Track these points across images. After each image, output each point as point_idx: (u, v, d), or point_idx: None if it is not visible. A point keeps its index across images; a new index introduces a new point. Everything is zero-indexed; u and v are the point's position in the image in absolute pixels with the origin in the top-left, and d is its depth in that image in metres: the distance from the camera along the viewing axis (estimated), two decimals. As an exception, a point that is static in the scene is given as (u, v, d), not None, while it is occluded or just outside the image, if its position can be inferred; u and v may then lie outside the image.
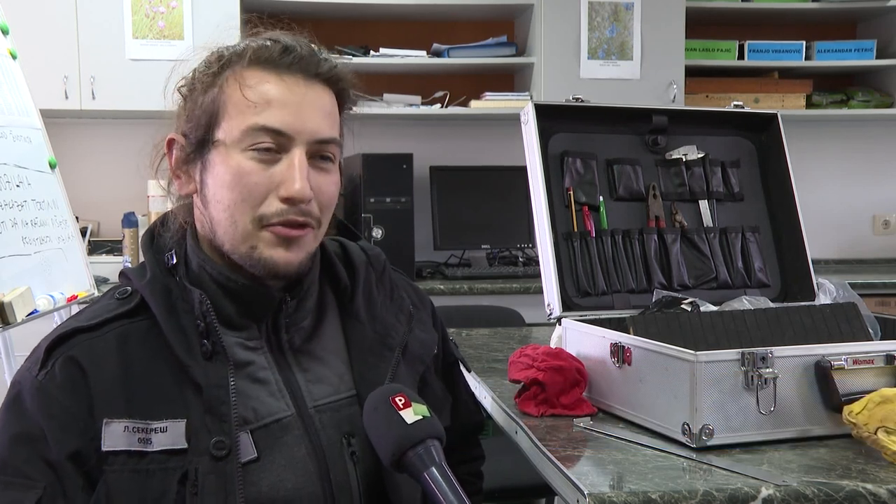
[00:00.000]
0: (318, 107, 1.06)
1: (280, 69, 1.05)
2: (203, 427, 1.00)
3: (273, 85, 1.04)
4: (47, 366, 1.01)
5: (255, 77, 1.04)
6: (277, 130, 1.02)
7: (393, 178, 3.49)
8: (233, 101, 1.04)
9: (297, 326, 1.10)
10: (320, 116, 1.06)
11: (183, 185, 1.10)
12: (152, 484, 0.98)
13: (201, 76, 1.07)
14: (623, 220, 1.80)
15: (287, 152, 1.03)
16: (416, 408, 0.99)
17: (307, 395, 1.09)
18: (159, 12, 3.43)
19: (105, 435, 0.98)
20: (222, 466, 0.99)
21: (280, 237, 1.04)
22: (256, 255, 1.04)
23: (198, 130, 1.06)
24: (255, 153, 1.03)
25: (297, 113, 1.03)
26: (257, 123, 1.02)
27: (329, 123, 1.07)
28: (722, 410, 1.24)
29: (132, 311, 1.05)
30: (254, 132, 1.02)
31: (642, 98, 3.63)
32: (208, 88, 1.06)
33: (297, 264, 1.06)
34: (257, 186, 1.02)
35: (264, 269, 1.05)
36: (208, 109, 1.05)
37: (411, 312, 1.20)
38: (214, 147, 1.05)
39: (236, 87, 1.04)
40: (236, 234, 1.04)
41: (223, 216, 1.04)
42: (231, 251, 1.05)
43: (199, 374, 1.01)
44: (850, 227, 4.26)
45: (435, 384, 1.23)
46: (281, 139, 1.03)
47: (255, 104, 1.03)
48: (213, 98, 1.05)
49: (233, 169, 1.03)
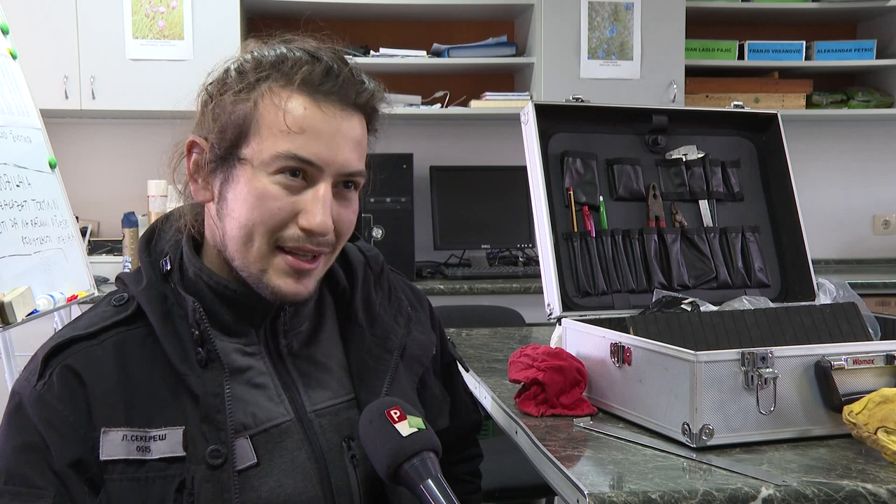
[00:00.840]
0: (350, 138, 1.03)
1: (318, 96, 1.01)
2: (199, 435, 0.99)
3: (310, 112, 1.00)
4: (45, 376, 1.00)
5: (293, 101, 1.00)
6: (309, 161, 1.00)
7: (393, 178, 3.49)
8: (267, 121, 1.00)
9: (295, 331, 1.10)
10: (351, 148, 1.03)
11: (199, 191, 1.07)
12: (151, 492, 0.98)
13: (234, 84, 1.03)
14: (623, 220, 1.80)
15: (313, 182, 1.01)
16: (412, 420, 0.99)
17: (306, 399, 1.09)
18: (159, 12, 3.42)
19: (103, 444, 0.98)
20: (218, 475, 0.98)
21: (292, 267, 1.03)
22: (265, 281, 1.03)
23: (224, 142, 1.02)
24: (282, 179, 1.00)
25: (330, 145, 1.01)
26: (289, 151, 1.00)
27: (359, 155, 1.05)
28: (722, 410, 1.24)
29: (129, 319, 1.04)
30: (285, 159, 1.00)
31: (642, 98, 3.63)
32: (241, 101, 1.02)
33: (306, 295, 1.05)
34: (280, 212, 1.01)
35: (271, 296, 1.04)
36: (239, 123, 1.01)
37: (409, 314, 1.20)
38: (240, 163, 1.02)
39: (272, 108, 1.00)
40: (249, 253, 1.02)
41: (238, 233, 1.02)
42: (240, 268, 1.04)
43: (195, 383, 1.01)
44: (851, 227, 4.26)
45: (433, 385, 1.23)
46: (310, 169, 1.01)
47: (290, 131, 1.00)
48: (246, 113, 1.01)
49: (257, 191, 1.00)
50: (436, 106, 3.75)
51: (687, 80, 3.75)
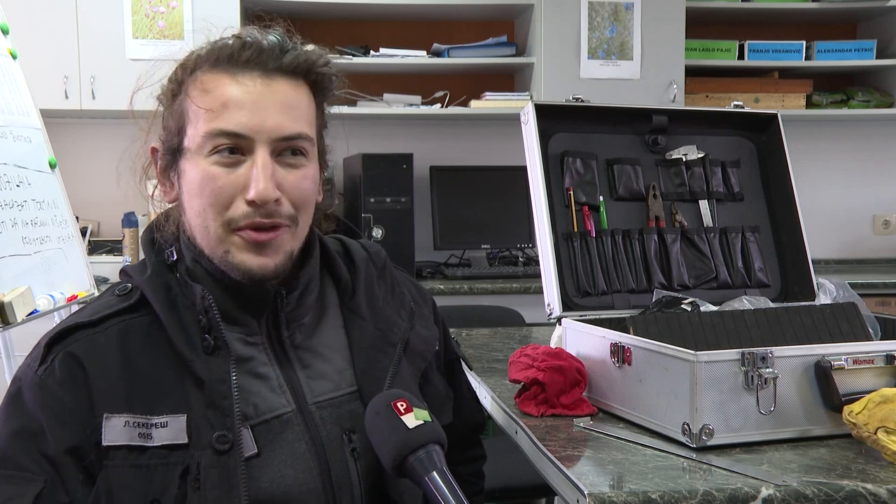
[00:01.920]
0: (278, 102, 1.04)
1: (235, 69, 1.04)
2: (205, 421, 1.00)
3: (229, 86, 1.03)
4: (47, 361, 1.01)
5: (212, 80, 1.04)
6: (235, 133, 1.02)
7: (393, 178, 3.49)
8: (192, 107, 1.04)
9: (297, 322, 1.10)
10: (282, 112, 1.03)
11: (167, 193, 1.11)
12: (153, 478, 0.98)
13: (169, 83, 1.08)
14: (623, 220, 1.80)
15: (250, 153, 1.03)
16: (418, 413, 0.99)
17: (308, 391, 1.09)
18: (159, 12, 3.42)
19: (105, 430, 0.98)
20: (225, 460, 0.99)
21: (249, 242, 1.04)
22: (230, 260, 1.04)
23: (171, 139, 1.07)
24: (218, 157, 1.02)
25: (255, 113, 1.02)
26: (215, 128, 1.02)
27: (293, 118, 1.04)
28: (722, 410, 1.24)
29: (133, 307, 1.05)
30: (213, 137, 1.02)
31: (642, 98, 3.63)
32: (175, 95, 1.07)
33: (274, 267, 1.05)
34: (223, 190, 1.02)
35: (239, 274, 1.05)
36: (176, 117, 1.06)
37: (412, 308, 1.21)
38: (183, 155, 1.05)
39: (196, 94, 1.04)
40: (210, 239, 1.04)
41: (196, 222, 1.05)
42: (210, 255, 1.06)
43: (202, 369, 1.01)
44: (851, 227, 4.26)
45: (437, 381, 1.23)
46: (241, 141, 1.02)
47: (212, 109, 1.02)
48: (179, 105, 1.06)
49: (199, 175, 1.03)
50: (436, 106, 3.75)
51: (687, 80, 3.75)
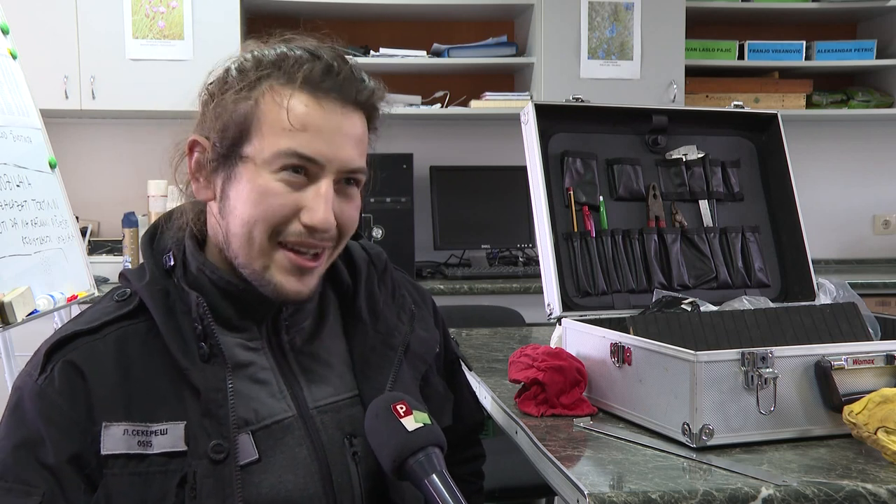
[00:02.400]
0: (351, 135, 1.04)
1: (319, 93, 1.02)
2: (201, 430, 1.00)
3: (311, 110, 1.01)
4: (46, 370, 1.01)
5: (294, 98, 1.01)
6: (310, 158, 1.01)
7: (393, 178, 3.49)
8: (268, 119, 1.01)
9: (297, 327, 1.10)
10: (352, 145, 1.04)
11: (201, 190, 1.07)
12: (152, 486, 0.98)
13: (235, 83, 1.04)
14: (623, 220, 1.80)
15: (315, 179, 1.02)
16: (417, 415, 0.99)
17: (308, 395, 1.09)
18: (159, 12, 3.42)
19: (104, 438, 0.98)
20: (220, 469, 0.99)
21: (294, 265, 1.03)
22: (268, 277, 1.03)
23: (225, 140, 1.03)
24: (285, 175, 1.01)
25: (331, 142, 1.02)
26: (291, 149, 1.00)
27: (360, 152, 1.05)
28: (722, 410, 1.24)
29: (131, 313, 1.05)
30: (286, 156, 1.00)
31: (642, 98, 3.63)
32: (242, 99, 1.02)
33: (307, 293, 1.06)
34: (282, 208, 1.01)
35: (273, 293, 1.04)
36: (240, 122, 1.02)
37: (413, 311, 1.20)
38: (242, 162, 1.02)
39: (273, 107, 1.01)
40: (252, 250, 1.03)
41: (240, 231, 1.03)
42: (243, 265, 1.04)
43: (197, 378, 1.01)
44: (851, 227, 4.26)
45: (437, 383, 1.23)
46: (312, 166, 1.01)
47: (292, 128, 1.00)
48: (247, 111, 1.02)
49: (259, 188, 1.01)
50: (436, 106, 3.75)
51: (687, 80, 3.75)
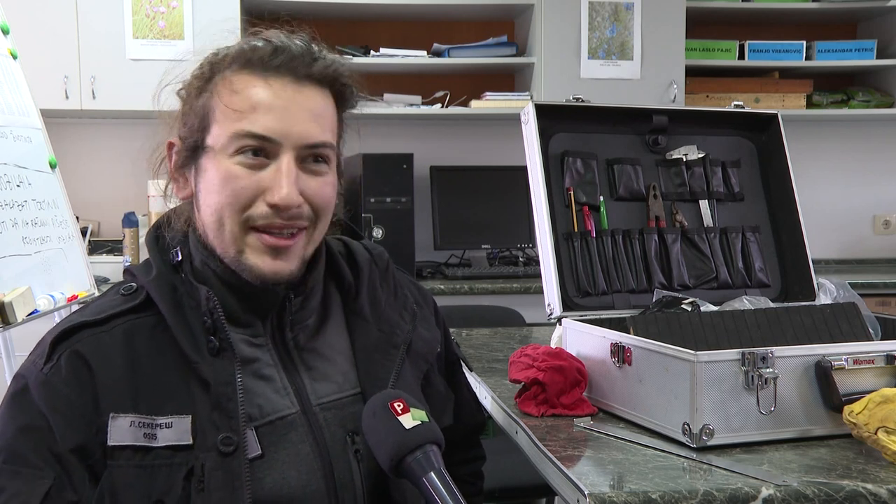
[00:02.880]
0: (307, 109, 1.04)
1: (267, 72, 1.04)
2: (210, 423, 1.00)
3: (260, 89, 1.03)
4: (53, 359, 1.01)
5: (243, 81, 1.04)
6: (262, 136, 1.02)
7: (393, 178, 3.49)
8: (220, 106, 1.04)
9: (301, 324, 1.11)
10: (309, 120, 1.04)
11: (180, 189, 1.10)
12: (158, 479, 0.98)
13: (194, 80, 1.07)
14: (623, 219, 1.80)
15: (275, 157, 1.03)
16: (415, 413, 0.99)
17: (311, 392, 1.09)
18: (159, 12, 3.42)
19: (111, 429, 0.98)
20: (229, 462, 0.99)
21: (267, 245, 1.04)
22: (244, 261, 1.04)
23: (192, 135, 1.06)
24: (243, 158, 1.02)
25: (284, 117, 1.02)
26: (243, 129, 1.02)
27: (320, 126, 1.05)
28: (722, 410, 1.24)
29: (138, 307, 1.05)
30: (240, 138, 1.02)
31: (642, 98, 3.63)
32: (200, 92, 1.06)
33: (288, 273, 1.06)
34: (244, 191, 1.02)
35: (251, 276, 1.05)
36: (200, 114, 1.05)
37: (415, 310, 1.21)
38: (205, 153, 1.05)
39: (225, 93, 1.04)
40: (224, 237, 1.04)
41: (211, 220, 1.05)
42: (222, 255, 1.06)
43: (207, 371, 1.01)
44: (851, 227, 4.26)
45: (438, 382, 1.23)
46: (267, 145, 1.02)
47: (241, 110, 1.02)
48: (204, 103, 1.05)
49: (221, 174, 1.03)
50: (436, 106, 3.75)
51: (687, 80, 3.75)
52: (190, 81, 1.08)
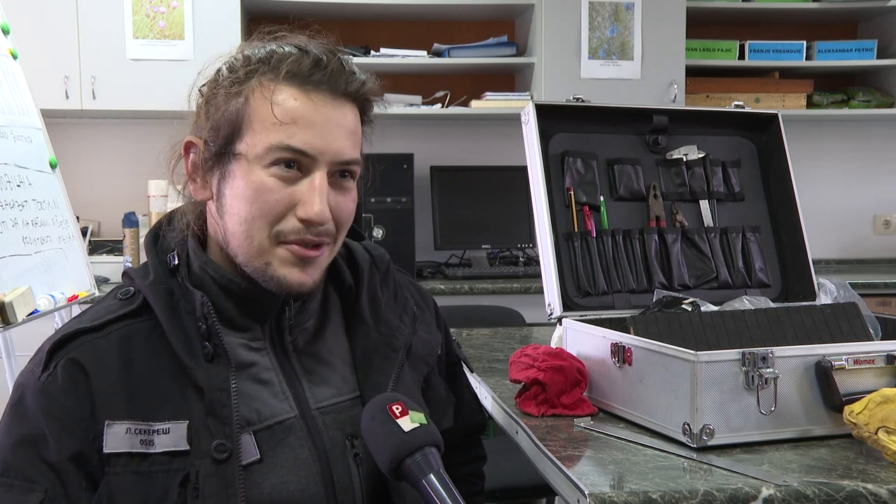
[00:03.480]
0: (342, 127, 1.04)
1: (308, 86, 1.02)
2: (204, 429, 1.00)
3: (300, 103, 1.02)
4: (49, 368, 1.01)
5: (283, 93, 1.02)
6: (301, 151, 1.01)
7: (393, 178, 3.49)
8: (258, 115, 1.02)
9: (300, 328, 1.10)
10: (344, 137, 1.04)
11: (198, 191, 1.08)
12: (154, 485, 0.98)
13: (226, 81, 1.04)
14: (624, 219, 1.80)
15: (308, 172, 1.02)
16: (414, 415, 0.98)
17: (310, 396, 1.09)
18: (160, 12, 3.42)
19: (107, 437, 0.98)
20: (223, 469, 0.99)
21: (296, 256, 1.03)
22: (270, 273, 1.03)
23: (218, 139, 1.03)
24: (277, 171, 1.01)
25: (323, 134, 1.02)
26: (282, 143, 1.01)
27: (352, 144, 1.05)
28: (722, 410, 1.24)
29: (135, 312, 1.05)
30: (278, 150, 1.01)
31: (643, 98, 3.63)
32: (233, 97, 1.03)
33: (311, 284, 1.05)
34: (277, 204, 1.02)
35: (277, 287, 1.04)
36: (231, 119, 1.03)
37: (415, 313, 1.20)
38: (235, 159, 1.03)
39: (263, 102, 1.02)
40: (251, 248, 1.03)
41: (239, 229, 1.03)
42: (244, 263, 1.04)
43: (201, 377, 1.01)
44: (851, 227, 4.26)
45: (438, 385, 1.23)
46: (304, 159, 1.02)
47: (281, 122, 1.01)
48: (238, 108, 1.02)
49: (253, 184, 1.01)
50: (436, 106, 3.75)
51: (687, 80, 3.74)
52: (220, 81, 1.05)
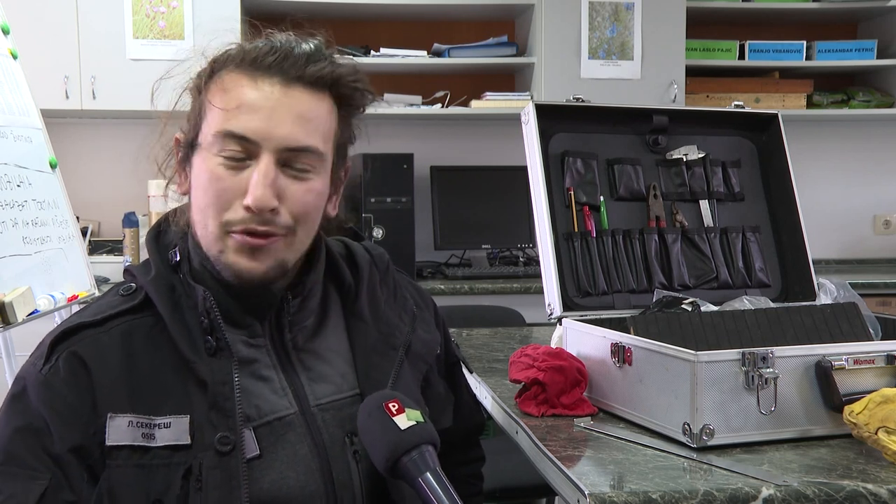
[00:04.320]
0: (293, 112, 1.03)
1: (257, 72, 1.03)
2: (208, 423, 1.00)
3: (247, 88, 1.03)
4: (51, 360, 1.01)
5: (232, 81, 1.04)
6: (243, 136, 1.01)
7: (393, 178, 3.49)
8: (211, 104, 1.04)
9: (300, 325, 1.11)
10: (294, 122, 1.02)
11: (181, 185, 1.11)
12: (156, 479, 0.98)
13: (196, 78, 1.08)
14: (624, 219, 1.80)
15: (257, 159, 1.02)
16: (410, 413, 0.99)
17: (310, 393, 1.09)
18: (160, 12, 3.42)
19: (109, 429, 0.99)
20: (227, 461, 0.99)
21: (241, 245, 1.03)
22: (223, 260, 1.04)
23: (189, 132, 1.07)
24: (224, 159, 1.02)
25: (267, 119, 1.02)
26: (225, 129, 1.02)
27: (305, 130, 1.03)
28: (722, 410, 1.24)
29: (137, 308, 1.05)
30: (223, 138, 1.02)
31: (643, 98, 3.63)
32: (200, 91, 1.07)
33: (263, 273, 1.05)
34: (225, 192, 1.02)
35: (230, 274, 1.05)
36: (196, 112, 1.06)
37: (415, 312, 1.21)
38: (196, 150, 1.06)
39: (216, 91, 1.04)
40: (208, 236, 1.05)
41: (198, 218, 1.06)
42: (206, 252, 1.06)
43: (204, 371, 1.02)
44: (851, 227, 4.26)
45: (437, 384, 1.23)
46: (248, 146, 1.02)
47: (227, 109, 1.02)
48: (200, 101, 1.06)
49: (206, 173, 1.03)
50: (436, 106, 3.75)
51: (687, 80, 3.74)
52: (194, 79, 1.09)
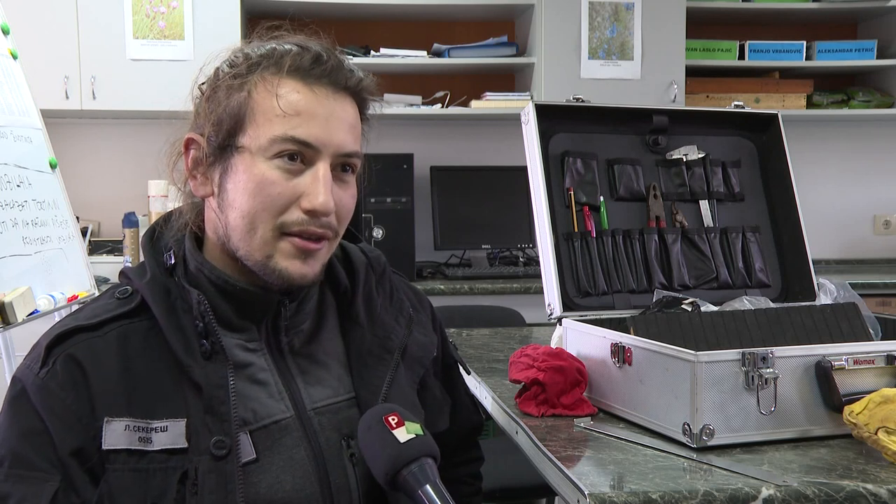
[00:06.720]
0: (344, 120, 1.05)
1: (310, 80, 1.04)
2: (203, 427, 1.00)
3: (303, 96, 1.03)
4: (48, 364, 1.01)
5: (287, 86, 1.03)
6: (305, 142, 1.02)
7: (393, 178, 3.49)
8: (262, 108, 1.03)
9: (296, 329, 1.10)
10: (346, 130, 1.05)
11: (199, 187, 1.08)
12: (153, 483, 0.98)
13: (227, 77, 1.05)
14: (623, 220, 1.80)
15: (312, 164, 1.03)
16: (409, 426, 0.99)
17: (306, 397, 1.09)
18: (160, 12, 3.42)
19: (106, 433, 0.99)
20: (222, 466, 0.99)
21: (299, 249, 1.04)
22: (272, 265, 1.04)
23: (220, 133, 1.04)
24: (281, 162, 1.02)
25: (325, 126, 1.03)
26: (286, 134, 1.01)
27: (353, 137, 1.07)
28: (722, 410, 1.24)
29: (132, 312, 1.05)
30: (281, 142, 1.01)
31: (643, 98, 3.63)
32: (235, 91, 1.04)
33: (312, 277, 1.06)
34: (280, 196, 1.02)
35: (279, 280, 1.04)
36: (234, 113, 1.03)
37: (411, 315, 1.20)
38: (238, 153, 1.03)
39: (266, 95, 1.03)
40: (253, 241, 1.03)
41: (241, 223, 1.03)
42: (245, 257, 1.04)
43: (199, 375, 1.01)
44: (851, 227, 4.26)
45: (434, 387, 1.23)
46: (308, 151, 1.02)
47: (285, 114, 1.02)
48: (241, 102, 1.03)
49: (256, 177, 1.02)
50: (436, 106, 3.75)
51: (687, 81, 3.75)
52: (220, 77, 1.06)
